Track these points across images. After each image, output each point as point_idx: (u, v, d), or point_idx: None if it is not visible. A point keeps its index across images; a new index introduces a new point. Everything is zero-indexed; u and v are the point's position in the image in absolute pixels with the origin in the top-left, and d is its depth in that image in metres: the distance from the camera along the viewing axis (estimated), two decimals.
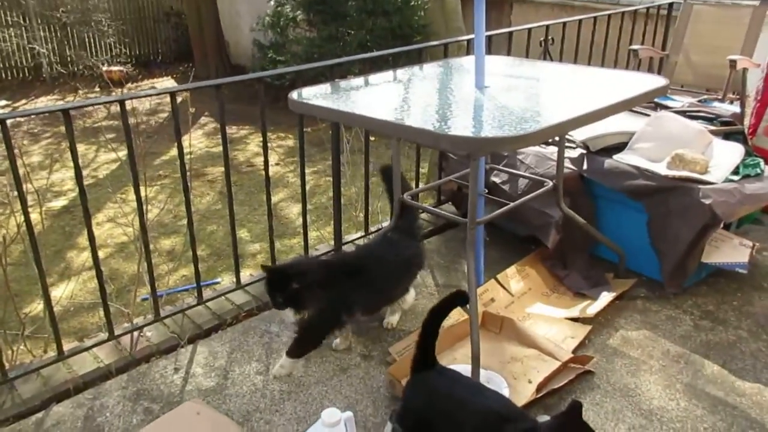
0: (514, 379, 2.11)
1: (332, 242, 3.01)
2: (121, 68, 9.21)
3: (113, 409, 2.04)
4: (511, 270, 2.71)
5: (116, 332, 2.34)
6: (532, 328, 2.36)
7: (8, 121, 1.95)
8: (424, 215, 3.35)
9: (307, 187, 5.78)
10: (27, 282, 3.96)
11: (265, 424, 1.97)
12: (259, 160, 2.76)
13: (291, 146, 7.08)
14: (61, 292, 4.01)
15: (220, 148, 2.52)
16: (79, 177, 2.12)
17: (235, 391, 2.11)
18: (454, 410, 1.62)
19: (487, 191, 2.56)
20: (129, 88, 8.90)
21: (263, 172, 2.74)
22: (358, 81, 2.52)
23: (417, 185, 3.16)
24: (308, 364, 2.24)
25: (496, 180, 2.85)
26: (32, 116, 7.17)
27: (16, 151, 1.98)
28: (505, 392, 2.01)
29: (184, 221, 5.09)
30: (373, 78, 2.54)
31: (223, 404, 2.05)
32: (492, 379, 2.09)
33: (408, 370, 2.11)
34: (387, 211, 3.88)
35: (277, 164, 6.60)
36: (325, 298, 2.10)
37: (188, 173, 2.46)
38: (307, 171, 2.87)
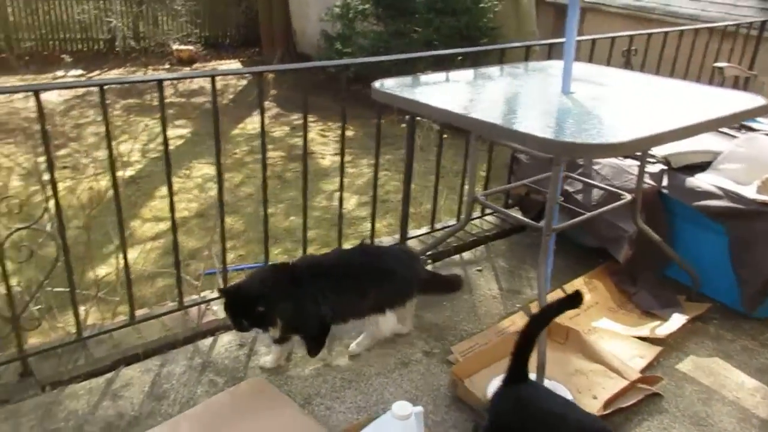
0: (579, 392, 2.07)
1: (397, 236, 3.01)
2: (191, 48, 9.41)
3: (179, 377, 2.08)
4: (578, 281, 2.66)
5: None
6: (598, 342, 2.30)
7: (80, 91, 2.00)
8: (488, 218, 3.32)
9: (365, 179, 5.81)
10: (93, 247, 4.09)
11: (326, 409, 1.98)
12: (319, 149, 2.79)
13: (350, 137, 7.12)
14: (118, 261, 4.13)
15: (280, 133, 2.54)
16: (165, 146, 2.17)
17: (296, 373, 2.13)
18: (552, 427, 1.53)
19: (562, 198, 2.52)
20: (197, 67, 9.10)
21: (322, 161, 2.75)
22: (439, 76, 2.50)
23: (486, 187, 3.11)
24: (369, 354, 2.24)
25: (569, 189, 2.79)
26: (125, 84, 7.38)
27: (82, 121, 2.03)
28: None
29: (245, 201, 5.23)
30: (454, 75, 2.52)
31: (285, 385, 2.07)
32: (556, 389, 2.05)
33: (472, 371, 2.11)
34: (450, 209, 3.87)
35: (336, 154, 6.65)
36: (291, 309, 2.03)
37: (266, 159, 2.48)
38: (366, 163, 2.87)
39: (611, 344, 2.32)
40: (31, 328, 2.10)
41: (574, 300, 1.65)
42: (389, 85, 2.20)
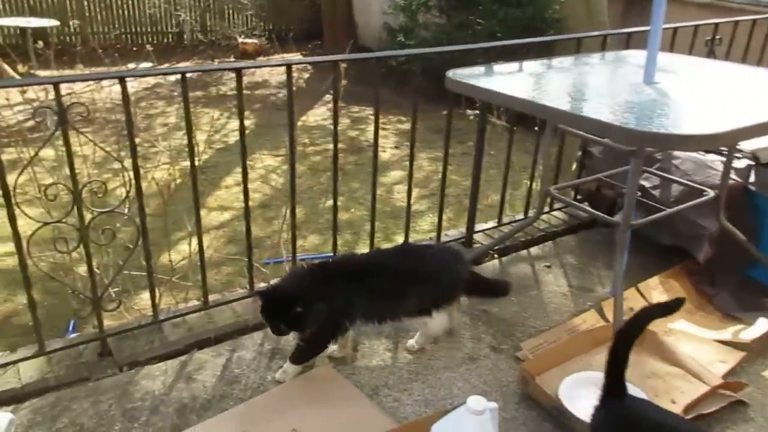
0: (656, 396, 1.98)
1: (462, 229, 2.97)
2: (256, 41, 9.59)
3: (250, 363, 2.11)
4: (654, 281, 2.55)
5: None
6: (676, 345, 2.21)
7: (150, 83, 2.03)
8: (556, 213, 3.24)
9: (423, 173, 5.76)
10: (161, 234, 4.23)
11: (394, 401, 1.97)
12: (380, 141, 2.78)
13: (409, 130, 7.08)
14: (188, 248, 4.25)
15: (340, 126, 2.55)
16: (242, 134, 2.20)
17: (364, 364, 2.13)
18: None
19: (639, 194, 2.42)
20: (261, 60, 9.25)
21: (382, 153, 2.74)
22: (512, 66, 2.45)
23: (557, 181, 3.03)
24: (436, 348, 2.22)
25: (646, 184, 2.68)
26: (201, 72, 7.62)
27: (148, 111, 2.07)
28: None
29: (306, 193, 5.29)
30: (527, 65, 2.46)
31: (353, 375, 2.08)
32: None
33: (542, 368, 2.05)
34: (513, 205, 3.79)
35: (396, 147, 6.63)
36: (326, 310, 1.94)
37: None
38: (426, 156, 2.84)
39: (690, 347, 2.21)
40: (111, 309, 2.17)
41: (674, 305, 1.56)
42: (463, 74, 2.16)
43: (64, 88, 1.75)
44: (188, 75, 2.08)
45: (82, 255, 2.01)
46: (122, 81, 1.85)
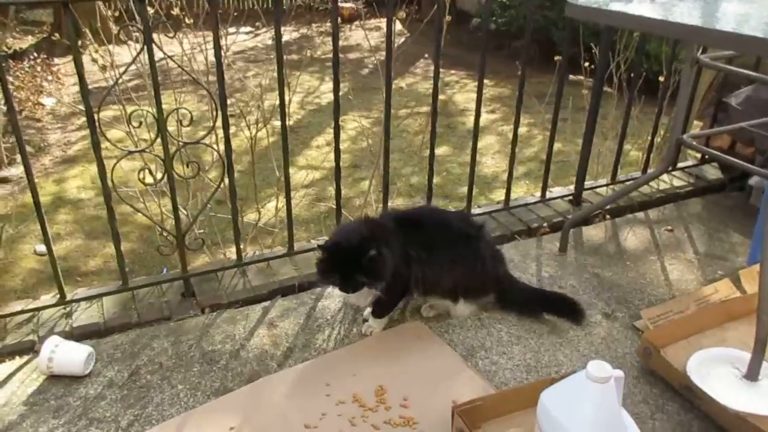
0: None
1: (571, 187, 2.68)
2: (352, 5, 9.46)
3: (335, 314, 1.97)
4: None
5: None
6: None
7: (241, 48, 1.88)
8: (677, 173, 2.87)
9: (520, 140, 5.48)
10: (252, 190, 4.21)
11: (492, 364, 1.76)
12: (473, 105, 2.55)
13: (507, 95, 6.74)
14: (276, 203, 4.21)
15: (428, 90, 2.31)
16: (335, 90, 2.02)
17: (458, 323, 1.92)
18: None
19: None
20: (357, 24, 9.13)
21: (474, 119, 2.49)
22: None
23: (685, 129, 2.64)
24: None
25: None
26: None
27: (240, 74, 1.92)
28: None
29: (393, 154, 5.12)
30: None
31: (446, 333, 1.88)
32: None
33: (667, 340, 1.77)
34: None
35: (491, 111, 6.33)
36: (393, 255, 1.73)
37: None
38: (522, 121, 2.56)
39: None
40: (195, 248, 2.08)
41: None
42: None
43: (157, 54, 1.64)
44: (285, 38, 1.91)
45: (168, 191, 1.92)
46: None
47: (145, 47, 1.64)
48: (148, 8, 2.04)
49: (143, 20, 1.61)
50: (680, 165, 2.91)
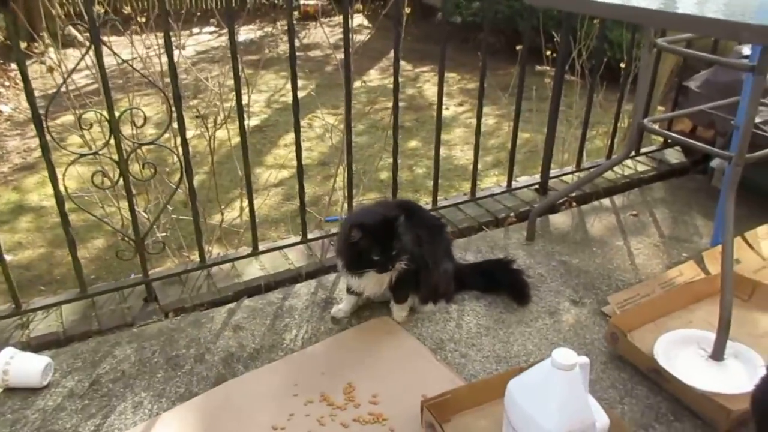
0: None
1: (537, 176, 2.68)
2: (317, 2, 9.37)
3: (302, 312, 1.93)
4: (763, 229, 2.20)
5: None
6: None
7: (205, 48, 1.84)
8: (641, 158, 2.90)
9: (488, 131, 5.46)
10: (219, 191, 4.14)
11: (461, 357, 1.75)
12: (443, 99, 2.55)
13: (475, 88, 6.74)
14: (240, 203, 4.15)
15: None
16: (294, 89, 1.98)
17: (426, 316, 1.91)
18: None
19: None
20: (321, 22, 9.05)
21: (444, 112, 2.48)
22: None
23: (647, 114, 2.66)
24: (508, 300, 1.97)
25: (756, 119, 2.30)
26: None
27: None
28: (762, 372, 1.59)
29: (365, 150, 5.09)
30: None
31: (415, 328, 1.86)
32: (742, 354, 1.67)
33: (634, 324, 1.78)
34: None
35: (459, 104, 6.34)
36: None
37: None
38: (490, 113, 2.56)
39: None
40: (155, 251, 2.03)
41: None
42: None
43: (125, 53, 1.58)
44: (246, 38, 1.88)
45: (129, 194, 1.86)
46: None
47: (93, 47, 1.58)
48: (98, 7, 1.98)
49: (90, 18, 1.55)
50: (644, 150, 2.93)
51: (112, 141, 1.73)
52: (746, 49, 2.34)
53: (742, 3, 1.67)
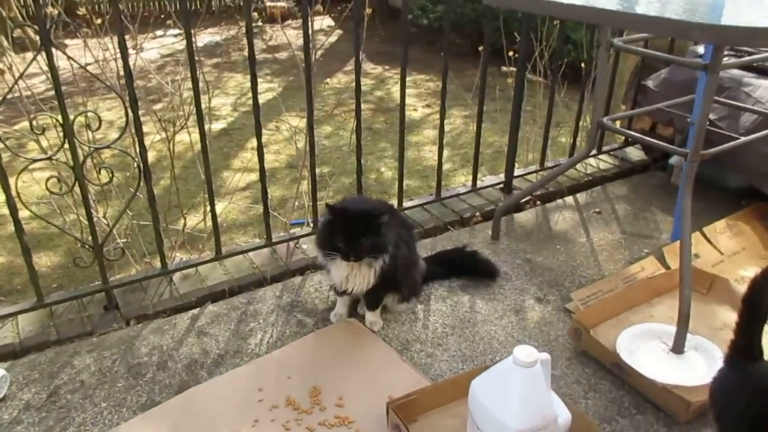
0: None
1: (501, 175, 2.70)
2: (284, 4, 9.33)
3: (267, 317, 1.91)
4: (721, 224, 2.26)
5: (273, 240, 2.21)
6: None
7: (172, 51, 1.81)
8: (604, 156, 2.94)
9: (456, 132, 5.50)
10: (185, 196, 4.08)
11: (427, 357, 1.75)
12: (410, 101, 2.55)
13: (439, 88, 6.79)
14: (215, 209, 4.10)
15: (365, 88, 2.29)
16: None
17: (393, 317, 1.90)
18: None
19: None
20: (288, 24, 9.00)
21: (414, 113, 2.47)
22: None
23: (608, 112, 2.70)
24: (474, 300, 1.98)
25: (711, 116, 2.36)
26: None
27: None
28: (721, 363, 1.62)
29: (334, 152, 5.08)
30: None
31: (381, 329, 1.85)
32: (702, 346, 1.70)
33: (597, 320, 1.80)
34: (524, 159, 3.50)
35: (427, 106, 6.36)
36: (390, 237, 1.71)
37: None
38: (459, 114, 2.58)
39: None
40: (114, 258, 1.99)
41: None
42: None
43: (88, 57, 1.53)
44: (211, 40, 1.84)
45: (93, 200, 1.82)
46: None
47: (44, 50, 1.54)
48: (51, 9, 1.94)
49: (39, 20, 1.51)
50: (606, 148, 2.98)
51: (68, 145, 1.69)
52: (701, 48, 2.39)
53: (696, 2, 1.71)
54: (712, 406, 1.28)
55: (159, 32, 8.60)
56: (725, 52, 1.69)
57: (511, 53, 3.24)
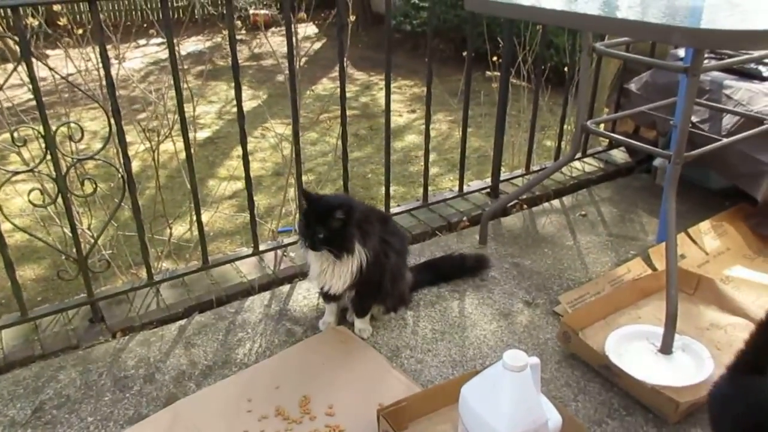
0: (718, 349, 1.72)
1: (488, 180, 2.71)
2: (267, 12, 9.31)
3: (255, 326, 1.90)
4: (705, 225, 2.28)
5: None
6: (735, 293, 1.94)
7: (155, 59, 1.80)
8: (589, 159, 2.96)
9: (441, 137, 5.52)
10: (171, 205, 4.05)
11: (417, 363, 1.74)
12: (394, 106, 2.55)
13: (424, 93, 6.81)
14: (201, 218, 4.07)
15: (350, 93, 2.29)
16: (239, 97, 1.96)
17: (382, 324, 1.90)
18: None
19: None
20: (272, 32, 9.00)
21: (398, 118, 2.49)
22: None
23: (591, 115, 2.73)
24: (463, 304, 1.98)
25: (693, 118, 2.39)
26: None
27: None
28: (709, 363, 1.64)
29: (320, 159, 5.07)
30: None
31: (370, 336, 1.85)
32: (689, 346, 1.71)
33: (585, 323, 1.81)
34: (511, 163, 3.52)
35: (412, 111, 6.38)
36: (368, 241, 1.71)
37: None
38: (444, 119, 2.59)
39: (752, 296, 1.95)
40: (100, 270, 1.97)
41: None
42: None
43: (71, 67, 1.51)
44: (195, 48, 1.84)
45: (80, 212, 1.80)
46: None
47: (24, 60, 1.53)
48: (31, 19, 1.92)
49: (18, 31, 1.50)
50: (591, 151, 3.00)
51: (50, 157, 1.67)
52: (681, 52, 2.42)
53: (675, 7, 1.72)
54: (709, 412, 1.28)
55: (142, 41, 8.59)
56: (705, 55, 1.71)
57: (495, 58, 3.27)
